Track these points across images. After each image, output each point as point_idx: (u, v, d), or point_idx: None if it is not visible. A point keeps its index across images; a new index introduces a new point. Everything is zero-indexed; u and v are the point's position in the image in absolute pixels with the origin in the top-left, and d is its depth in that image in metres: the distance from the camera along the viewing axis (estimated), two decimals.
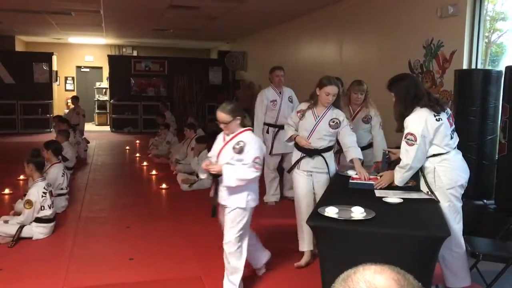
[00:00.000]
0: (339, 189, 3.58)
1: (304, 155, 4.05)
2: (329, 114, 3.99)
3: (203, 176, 3.67)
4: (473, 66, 5.08)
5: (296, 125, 4.14)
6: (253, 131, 3.62)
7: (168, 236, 4.89)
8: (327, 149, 4.05)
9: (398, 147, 3.48)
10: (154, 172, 8.08)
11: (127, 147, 11.03)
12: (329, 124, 3.97)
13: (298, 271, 4.01)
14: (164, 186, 7.07)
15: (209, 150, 3.80)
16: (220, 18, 9.83)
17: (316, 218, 2.74)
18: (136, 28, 12.06)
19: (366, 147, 4.57)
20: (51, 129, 12.64)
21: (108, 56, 15.42)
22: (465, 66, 5.09)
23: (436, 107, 3.24)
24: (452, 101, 4.94)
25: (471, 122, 4.52)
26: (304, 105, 4.13)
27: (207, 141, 7.41)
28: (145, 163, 8.92)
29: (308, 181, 4.06)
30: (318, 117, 4.00)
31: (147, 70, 15.06)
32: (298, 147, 4.10)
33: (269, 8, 8.64)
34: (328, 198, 3.26)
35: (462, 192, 3.29)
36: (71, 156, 7.55)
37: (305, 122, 4.04)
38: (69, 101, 13.89)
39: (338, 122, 3.97)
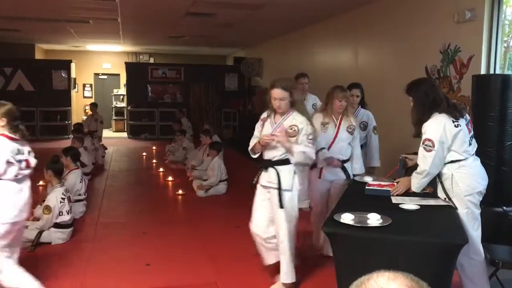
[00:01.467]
0: (355, 196, 3.56)
1: (261, 167, 3.71)
2: (288, 120, 3.62)
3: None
4: (491, 71, 5.02)
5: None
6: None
7: (184, 242, 4.91)
8: (283, 161, 3.59)
9: (415, 153, 3.46)
10: (170, 178, 8.13)
11: (144, 153, 11.12)
12: (286, 131, 3.57)
13: (313, 275, 3.99)
14: (180, 192, 7.10)
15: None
16: (236, 25, 9.89)
17: (332, 224, 2.73)
18: (153, 35, 12.20)
19: (345, 161, 4.34)
20: (70, 136, 12.82)
21: (125, 63, 15.62)
22: (483, 71, 5.03)
23: (454, 113, 3.20)
24: (469, 106, 4.89)
25: (490, 128, 4.46)
26: (265, 113, 3.81)
27: (220, 149, 7.44)
28: (161, 169, 8.98)
29: (263, 197, 3.74)
30: (275, 124, 3.67)
31: (164, 77, 15.20)
32: (258, 159, 3.75)
33: (284, 15, 8.67)
34: (344, 204, 3.25)
35: (480, 198, 3.25)
36: (88, 161, 7.64)
37: (263, 131, 3.71)
38: (87, 107, 14.10)
39: (297, 129, 3.55)
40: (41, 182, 7.16)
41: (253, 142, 3.75)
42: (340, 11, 8.06)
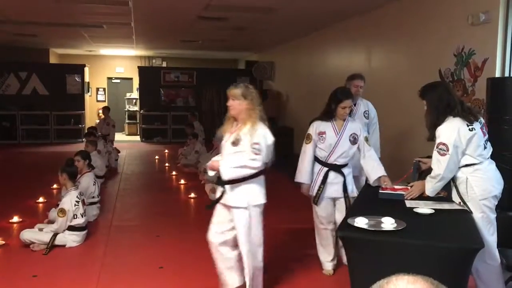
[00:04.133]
0: (369, 200, 3.54)
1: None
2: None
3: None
4: (506, 74, 4.97)
5: None
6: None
7: (197, 245, 4.90)
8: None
9: (429, 157, 3.43)
10: (183, 181, 8.17)
11: (157, 157, 11.19)
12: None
13: (325, 281, 3.98)
14: (192, 195, 7.13)
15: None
16: (248, 29, 9.92)
17: (346, 228, 2.72)
18: (166, 39, 12.28)
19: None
20: (83, 139, 12.94)
21: (138, 67, 15.73)
22: (497, 74, 4.98)
23: (469, 117, 3.18)
24: (484, 109, 4.84)
25: (505, 131, 4.40)
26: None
27: None
28: (174, 173, 9.02)
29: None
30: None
31: (176, 81, 15.29)
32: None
33: (296, 19, 8.67)
34: (358, 208, 3.24)
35: (496, 203, 3.21)
36: (100, 165, 7.70)
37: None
38: (101, 111, 14.22)
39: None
40: (55, 185, 7.24)
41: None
42: (352, 14, 8.04)
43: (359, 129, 4.06)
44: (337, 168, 4.01)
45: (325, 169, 4.01)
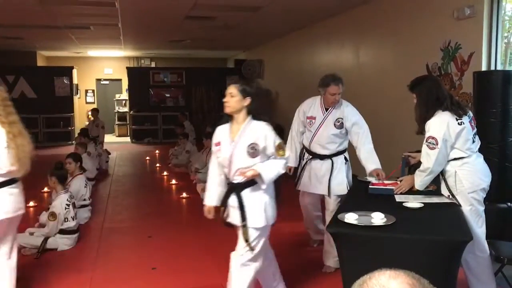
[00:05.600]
0: (359, 195, 3.57)
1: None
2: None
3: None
4: (492, 67, 5.02)
5: None
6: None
7: (189, 245, 4.92)
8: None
9: (418, 151, 3.46)
10: (174, 181, 8.15)
11: (147, 158, 11.16)
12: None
13: (318, 276, 4.00)
14: (184, 195, 7.12)
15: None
16: (236, 27, 9.91)
17: (336, 224, 2.74)
18: (154, 40, 12.23)
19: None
20: (73, 141, 12.86)
21: (127, 68, 15.67)
22: (484, 68, 5.03)
23: (458, 111, 3.20)
24: (471, 103, 4.88)
25: (492, 124, 4.45)
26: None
27: None
28: (165, 173, 9.00)
29: None
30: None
31: (165, 81, 15.24)
32: None
33: (284, 16, 8.68)
34: (347, 204, 3.25)
35: (484, 195, 3.25)
36: (91, 167, 7.67)
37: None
38: (90, 113, 14.14)
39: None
40: (45, 189, 7.19)
41: None
42: (339, 10, 8.06)
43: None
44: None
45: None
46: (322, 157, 4.16)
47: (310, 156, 4.23)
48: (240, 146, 2.97)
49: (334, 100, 4.02)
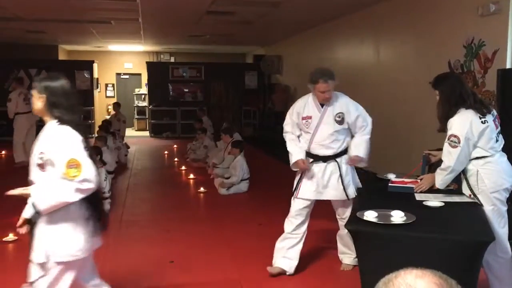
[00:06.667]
0: (378, 193, 3.53)
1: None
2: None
3: None
4: None
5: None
6: None
7: (207, 239, 4.95)
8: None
9: (439, 149, 3.41)
10: (192, 176, 8.20)
11: (166, 152, 11.23)
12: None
13: (336, 274, 3.98)
14: (202, 190, 7.15)
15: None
16: (255, 23, 9.89)
17: (355, 222, 2.72)
18: (173, 35, 12.29)
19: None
20: (93, 135, 13.02)
21: (147, 63, 15.78)
22: (508, 66, 4.93)
23: (481, 109, 3.15)
24: (495, 101, 4.80)
25: None
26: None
27: (243, 147, 7.42)
28: (183, 168, 9.06)
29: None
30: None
31: (184, 76, 15.31)
32: None
33: (304, 12, 8.63)
34: (367, 202, 3.23)
35: (507, 195, 3.19)
36: (110, 160, 7.75)
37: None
38: (110, 107, 14.29)
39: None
40: None
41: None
42: (360, 6, 7.98)
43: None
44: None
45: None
46: (326, 159, 3.80)
47: (311, 160, 3.83)
48: None
49: (324, 97, 3.71)
